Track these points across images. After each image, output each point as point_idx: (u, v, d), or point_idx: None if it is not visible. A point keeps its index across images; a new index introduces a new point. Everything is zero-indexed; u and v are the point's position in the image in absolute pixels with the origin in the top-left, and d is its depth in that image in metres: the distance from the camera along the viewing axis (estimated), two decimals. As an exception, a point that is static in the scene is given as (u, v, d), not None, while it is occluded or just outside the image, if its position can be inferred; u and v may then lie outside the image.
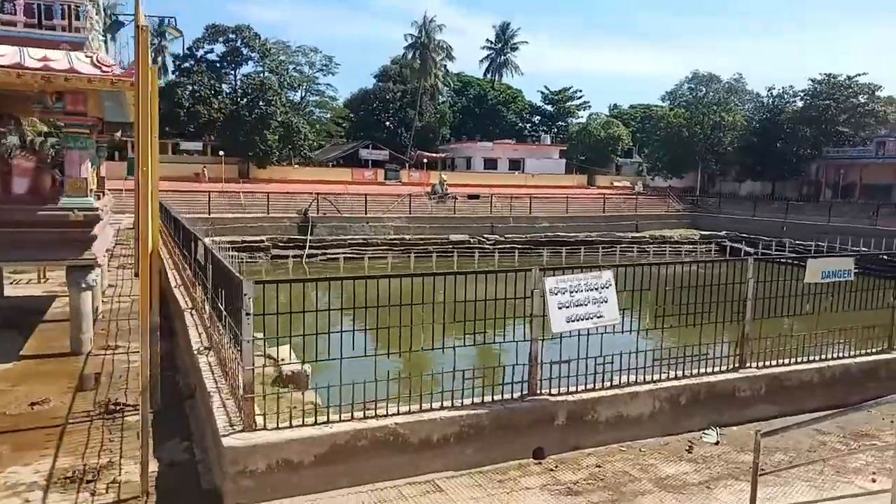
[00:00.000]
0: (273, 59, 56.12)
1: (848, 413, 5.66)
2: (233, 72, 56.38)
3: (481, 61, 79.77)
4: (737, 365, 7.16)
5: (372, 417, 5.47)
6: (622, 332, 6.66)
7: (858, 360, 7.85)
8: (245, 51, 55.32)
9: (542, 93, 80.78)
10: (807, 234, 36.89)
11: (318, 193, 35.72)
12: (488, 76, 79.45)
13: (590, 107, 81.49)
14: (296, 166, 54.61)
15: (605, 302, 6.13)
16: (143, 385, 5.45)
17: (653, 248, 39.03)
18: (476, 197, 41.33)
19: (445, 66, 74.42)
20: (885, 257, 22.20)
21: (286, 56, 60.74)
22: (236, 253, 31.86)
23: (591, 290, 6.10)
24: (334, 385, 5.45)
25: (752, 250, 37.48)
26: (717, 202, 47.84)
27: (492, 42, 78.40)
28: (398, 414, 5.56)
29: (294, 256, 32.23)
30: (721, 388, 6.88)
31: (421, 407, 5.66)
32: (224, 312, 6.23)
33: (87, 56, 8.80)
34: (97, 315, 11.96)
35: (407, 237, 35.38)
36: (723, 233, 41.21)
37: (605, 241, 38.82)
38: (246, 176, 52.81)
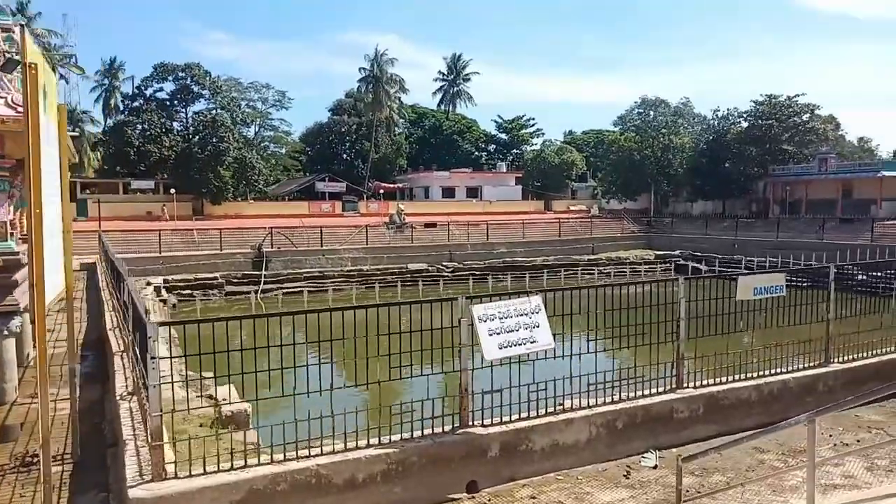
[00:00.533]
0: (224, 96, 55.74)
1: (773, 431, 5.62)
2: (184, 109, 55.78)
3: (434, 93, 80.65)
4: (674, 386, 7.10)
5: (293, 459, 5.22)
6: (556, 357, 6.56)
7: (796, 374, 7.87)
8: (196, 88, 54.83)
9: (496, 122, 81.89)
10: (757, 251, 37.74)
11: (272, 227, 35.26)
12: (442, 107, 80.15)
13: (543, 134, 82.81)
14: (251, 201, 53.97)
15: (537, 327, 6.02)
16: (43, 437, 5.12)
17: (611, 270, 39.41)
18: (433, 225, 41.31)
19: (400, 98, 74.99)
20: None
21: (238, 92, 60.54)
22: (189, 291, 31.43)
23: (522, 315, 6.00)
24: (276, 424, 5.25)
25: (705, 268, 38.25)
26: (670, 222, 48.70)
27: (444, 74, 79.30)
28: (321, 454, 5.33)
29: (248, 292, 31.61)
30: (658, 410, 6.80)
31: (346, 446, 5.44)
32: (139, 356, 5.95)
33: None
34: (28, 361, 11.44)
35: (364, 268, 35.10)
36: (677, 252, 41.84)
37: (562, 265, 39.09)
38: (200, 213, 52.00)
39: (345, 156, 72.68)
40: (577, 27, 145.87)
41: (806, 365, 8.06)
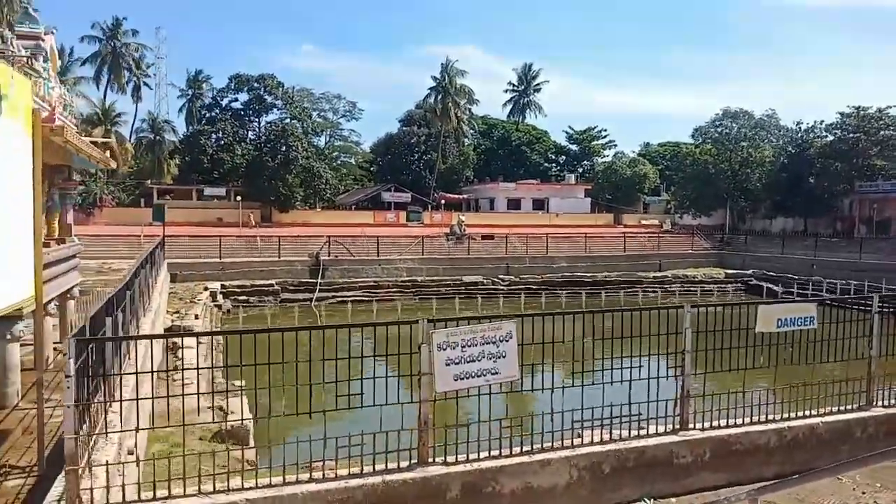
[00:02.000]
0: (296, 106, 57.04)
1: (802, 481, 4.84)
2: (257, 119, 57.43)
3: (504, 104, 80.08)
4: (677, 426, 6.32)
5: (222, 492, 4.82)
6: (540, 389, 5.94)
7: (827, 419, 6.91)
8: (269, 98, 56.41)
9: (566, 133, 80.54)
10: (838, 272, 35.32)
11: (329, 236, 35.52)
12: (512, 118, 79.50)
13: (615, 145, 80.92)
14: (318, 210, 54.88)
15: (503, 357, 5.43)
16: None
17: (677, 289, 37.69)
18: (490, 237, 40.71)
19: (470, 109, 74.90)
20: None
21: (310, 103, 61.85)
22: (245, 297, 31.98)
23: (488, 343, 5.41)
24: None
25: (780, 290, 36.00)
26: (744, 240, 46.30)
27: (514, 84, 78.69)
28: (256, 488, 4.90)
29: (303, 300, 31.90)
30: (654, 453, 6.04)
31: (284, 480, 4.99)
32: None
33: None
34: (48, 364, 11.60)
35: (419, 279, 34.87)
36: (750, 271, 39.73)
37: (625, 282, 37.74)
38: (269, 220, 53.24)
39: (414, 166, 73.07)
40: (665, 37, 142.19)
41: (841, 408, 7.09)
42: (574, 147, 79.96)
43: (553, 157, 79.06)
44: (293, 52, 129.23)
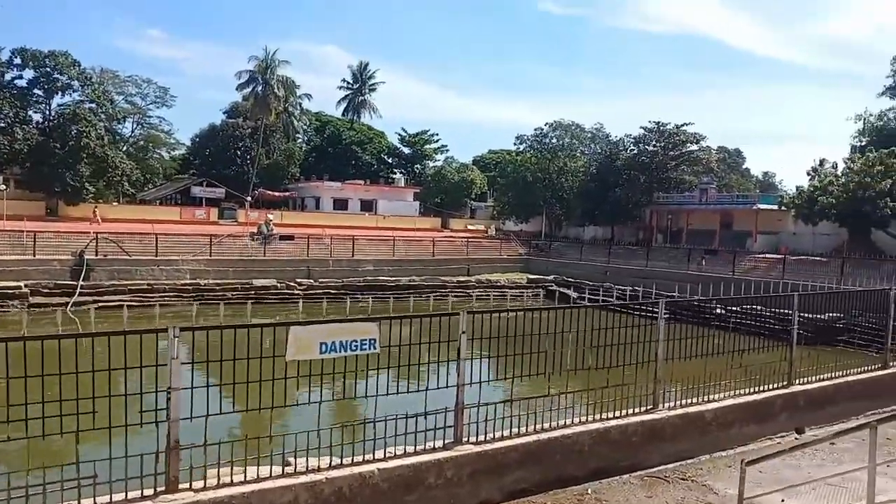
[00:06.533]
0: (94, 88, 51.55)
1: None
2: (47, 101, 51.28)
3: (339, 101, 78.00)
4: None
5: None
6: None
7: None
8: (62, 78, 50.47)
9: (399, 134, 79.88)
10: (628, 279, 36.83)
11: (97, 232, 31.78)
12: (346, 116, 77.64)
13: (447, 150, 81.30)
14: (114, 205, 49.90)
15: None
16: None
17: (479, 292, 37.69)
18: (290, 237, 38.55)
19: (300, 104, 72.16)
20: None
21: (114, 86, 56.36)
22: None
23: None
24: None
25: (575, 295, 36.99)
26: (548, 245, 47.67)
27: (349, 82, 76.85)
28: None
29: (57, 305, 28.06)
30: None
31: None
32: None
33: None
34: None
35: (203, 282, 32.04)
36: (551, 277, 40.62)
37: (430, 286, 37.08)
38: (55, 214, 47.66)
39: (237, 161, 68.99)
40: (523, 54, 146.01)
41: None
42: (406, 150, 79.46)
43: (385, 158, 78.03)
44: (135, 35, 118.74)
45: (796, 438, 7.56)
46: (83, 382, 4.37)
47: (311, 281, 34.90)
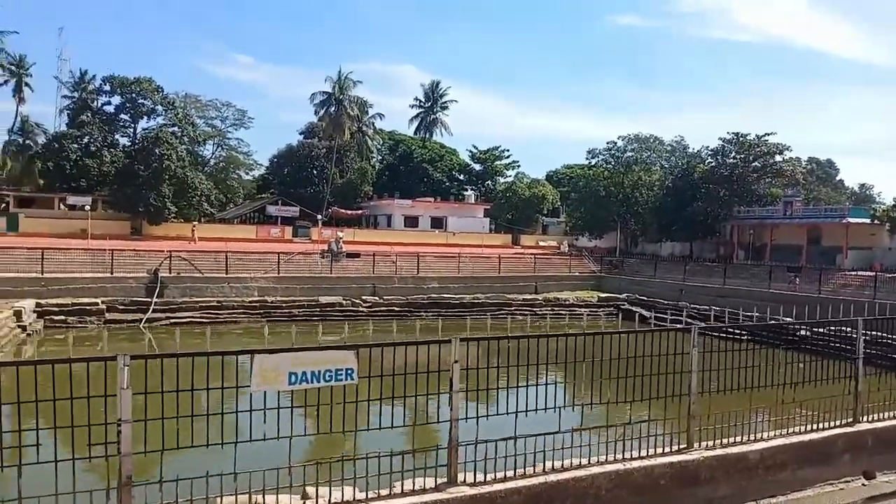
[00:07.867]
0: (177, 112, 53.92)
1: None
2: (133, 125, 53.99)
3: (411, 120, 78.68)
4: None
5: None
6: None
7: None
8: (146, 103, 53.08)
9: (470, 151, 79.74)
10: (704, 298, 35.11)
11: (171, 251, 32.84)
12: (418, 134, 78.23)
13: (519, 166, 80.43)
14: (194, 224, 51.74)
15: None
16: None
17: (547, 312, 36.61)
18: (356, 255, 38.73)
19: (374, 123, 73.22)
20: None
21: (196, 109, 58.78)
22: (63, 317, 28.89)
23: None
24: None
25: (647, 314, 35.41)
26: (621, 262, 46.06)
27: (421, 101, 77.47)
28: None
29: (132, 321, 29.10)
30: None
31: None
32: None
33: None
34: None
35: (270, 299, 32.53)
36: (623, 295, 39.14)
37: (494, 304, 36.39)
38: (139, 233, 49.88)
39: (313, 180, 70.58)
40: (602, 69, 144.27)
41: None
42: (477, 166, 79.21)
43: (456, 175, 78.01)
44: (228, 61, 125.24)
45: (864, 485, 6.55)
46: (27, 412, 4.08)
47: (377, 298, 34.89)
